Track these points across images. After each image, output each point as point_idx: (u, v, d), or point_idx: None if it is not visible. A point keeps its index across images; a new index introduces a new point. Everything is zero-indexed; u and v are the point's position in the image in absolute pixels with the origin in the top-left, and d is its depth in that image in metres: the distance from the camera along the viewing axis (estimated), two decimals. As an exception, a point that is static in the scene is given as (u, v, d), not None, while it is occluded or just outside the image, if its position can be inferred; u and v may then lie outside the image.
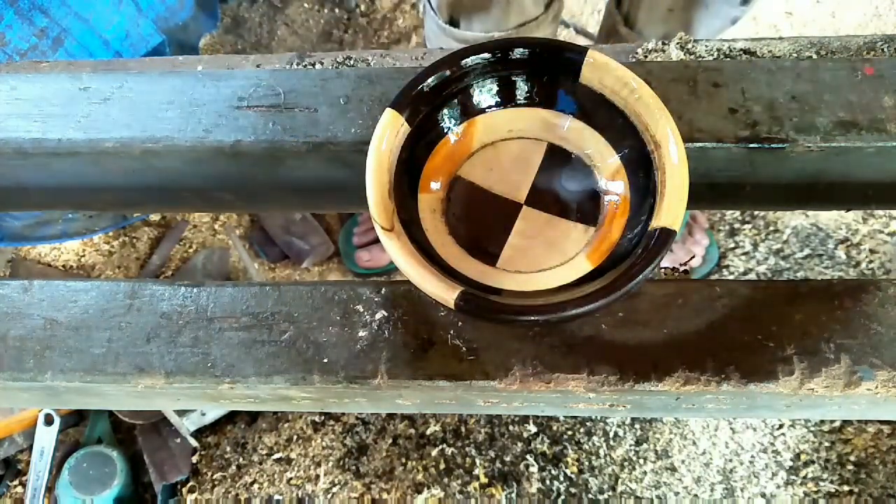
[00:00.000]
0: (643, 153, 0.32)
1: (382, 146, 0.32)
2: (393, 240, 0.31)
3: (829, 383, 0.30)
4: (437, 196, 0.35)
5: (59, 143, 0.39)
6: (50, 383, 0.34)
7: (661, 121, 0.31)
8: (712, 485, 1.07)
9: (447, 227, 0.35)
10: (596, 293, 0.28)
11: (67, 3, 0.97)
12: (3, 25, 0.93)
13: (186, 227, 1.29)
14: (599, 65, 0.33)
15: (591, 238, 0.33)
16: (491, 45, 0.34)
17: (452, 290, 0.29)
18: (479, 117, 0.36)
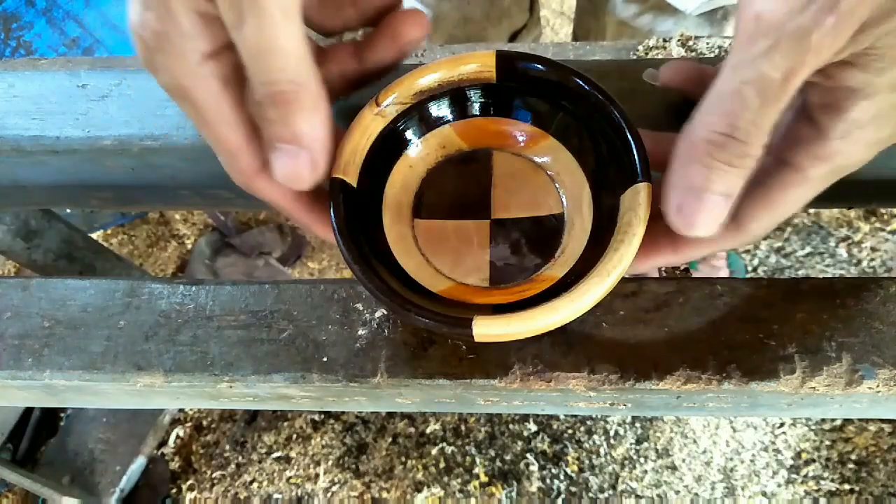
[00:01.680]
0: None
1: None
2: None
3: (831, 382, 0.30)
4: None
5: (58, 140, 0.39)
6: (48, 382, 0.34)
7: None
8: (713, 483, 1.07)
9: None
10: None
11: (104, 14, 0.96)
12: (32, 34, 0.93)
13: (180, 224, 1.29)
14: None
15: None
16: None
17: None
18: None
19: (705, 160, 0.25)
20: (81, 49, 0.97)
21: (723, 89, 0.25)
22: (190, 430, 1.16)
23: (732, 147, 0.24)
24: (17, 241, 0.66)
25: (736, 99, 0.24)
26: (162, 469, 1.13)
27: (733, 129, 0.24)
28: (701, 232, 0.25)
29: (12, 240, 0.65)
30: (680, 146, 0.26)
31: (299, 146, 0.26)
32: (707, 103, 0.25)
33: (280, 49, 0.25)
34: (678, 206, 0.25)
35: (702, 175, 0.25)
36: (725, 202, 0.25)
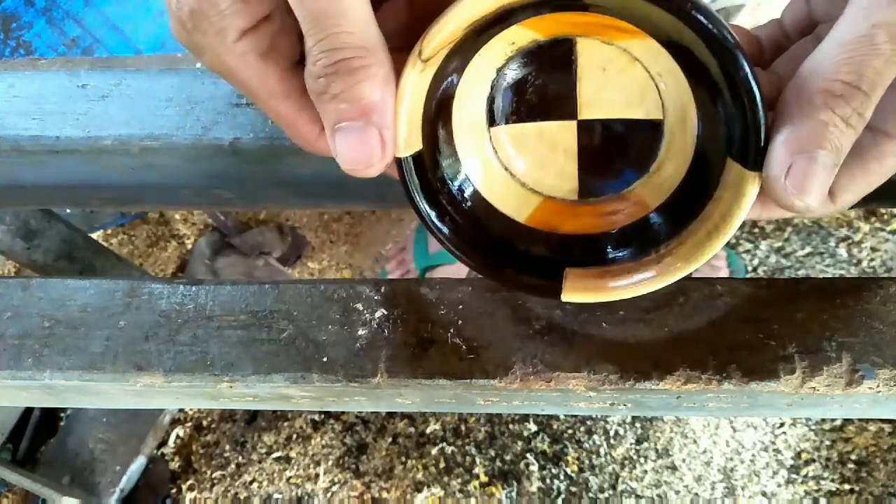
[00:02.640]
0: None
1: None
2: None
3: (831, 382, 0.30)
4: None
5: (58, 140, 0.39)
6: (48, 382, 0.34)
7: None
8: (713, 483, 1.07)
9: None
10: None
11: (104, 13, 0.96)
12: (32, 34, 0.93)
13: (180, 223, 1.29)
14: None
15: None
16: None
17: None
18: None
19: (823, 114, 0.22)
20: (81, 49, 0.97)
21: (848, 33, 0.22)
22: (190, 430, 1.16)
23: (855, 99, 0.22)
24: (17, 241, 0.66)
25: (864, 44, 0.21)
26: (162, 469, 1.13)
27: (859, 77, 0.21)
28: (812, 200, 0.23)
29: (12, 240, 0.65)
30: (788, 96, 0.23)
31: (367, 122, 0.24)
32: (825, 50, 0.23)
33: (346, 10, 0.22)
34: (788, 168, 0.22)
35: (818, 133, 0.22)
36: (835, 169, 0.23)
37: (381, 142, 0.24)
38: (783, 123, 0.23)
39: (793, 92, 0.23)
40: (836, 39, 0.23)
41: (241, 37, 0.24)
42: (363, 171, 0.25)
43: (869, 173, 0.25)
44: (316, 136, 0.27)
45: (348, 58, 0.23)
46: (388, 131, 0.24)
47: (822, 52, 0.23)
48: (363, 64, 0.23)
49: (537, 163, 0.30)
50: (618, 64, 0.27)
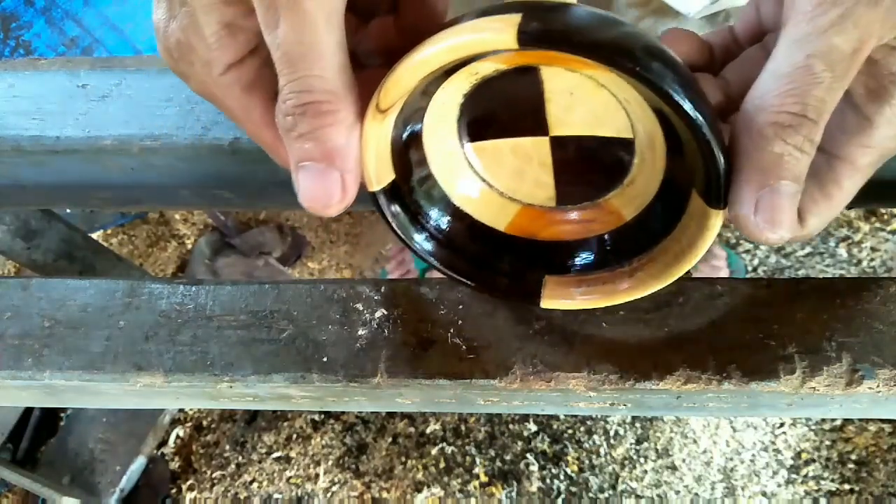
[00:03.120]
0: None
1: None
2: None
3: (831, 382, 0.30)
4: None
5: (58, 140, 0.39)
6: (48, 382, 0.34)
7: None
8: (713, 483, 1.07)
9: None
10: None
11: (104, 13, 0.96)
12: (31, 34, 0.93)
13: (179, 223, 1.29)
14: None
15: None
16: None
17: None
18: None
19: (777, 146, 0.22)
20: (80, 49, 0.97)
21: (786, 66, 0.23)
22: (190, 430, 1.16)
23: (804, 127, 0.22)
24: (17, 241, 0.66)
25: (804, 74, 0.22)
26: (162, 469, 1.13)
27: (804, 107, 0.22)
28: (784, 231, 0.23)
29: (12, 240, 0.65)
30: (741, 136, 0.23)
31: (330, 164, 0.24)
32: (767, 83, 0.23)
33: (319, 55, 0.23)
34: (755, 203, 0.23)
35: (775, 163, 0.22)
36: (798, 195, 0.23)
37: (341, 186, 0.25)
38: (740, 160, 0.23)
39: (743, 127, 0.24)
40: (776, 72, 0.23)
41: (226, 70, 0.25)
42: (321, 211, 0.25)
43: (830, 197, 0.26)
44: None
45: (317, 101, 0.23)
46: (349, 175, 0.25)
47: (763, 85, 0.23)
48: (330, 109, 0.23)
49: (514, 173, 0.30)
50: (584, 88, 0.27)
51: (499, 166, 0.30)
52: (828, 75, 0.22)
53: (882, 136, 0.24)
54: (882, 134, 0.24)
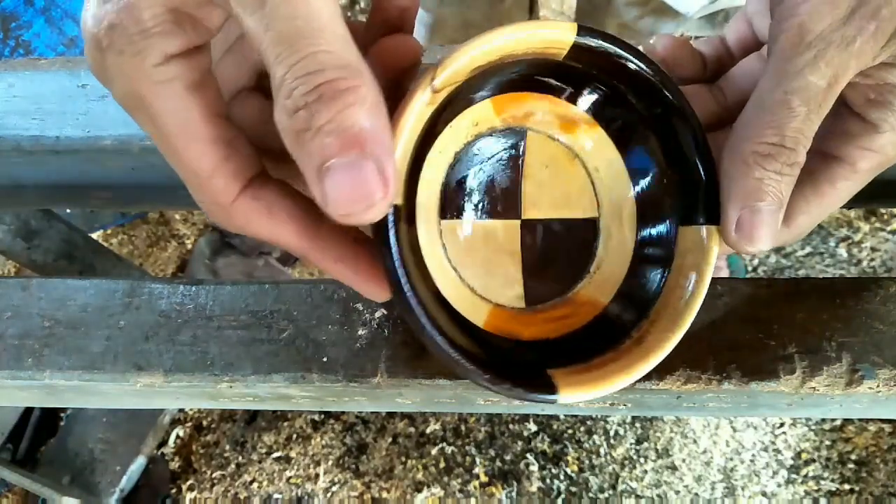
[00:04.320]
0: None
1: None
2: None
3: (831, 382, 0.30)
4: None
5: (58, 140, 0.39)
6: (49, 382, 0.34)
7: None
8: (713, 483, 1.07)
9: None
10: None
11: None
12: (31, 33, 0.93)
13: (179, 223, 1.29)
14: None
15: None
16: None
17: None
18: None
19: (756, 172, 0.25)
20: (80, 48, 0.97)
21: (766, 100, 0.25)
22: (190, 430, 1.16)
23: (782, 156, 0.25)
24: (17, 241, 0.66)
25: (782, 109, 0.25)
26: (162, 469, 1.13)
27: (782, 138, 0.25)
28: (763, 245, 0.25)
29: (12, 240, 0.65)
30: (726, 160, 0.26)
31: (361, 154, 0.19)
32: (750, 115, 0.26)
33: (321, 27, 0.19)
34: (736, 222, 0.25)
35: (755, 188, 0.25)
36: (779, 212, 0.25)
37: (380, 177, 0.19)
38: (726, 182, 0.26)
39: (729, 154, 0.26)
40: (759, 105, 0.26)
41: (165, 61, 0.21)
42: (362, 215, 0.20)
43: (822, 196, 0.27)
44: (233, 197, 0.22)
45: (331, 79, 0.19)
46: (387, 162, 0.19)
47: (747, 115, 0.26)
48: (349, 86, 0.19)
49: (483, 268, 0.28)
50: (560, 162, 0.29)
51: (469, 255, 0.28)
52: (803, 109, 0.24)
53: (886, 141, 0.26)
54: (886, 139, 0.26)
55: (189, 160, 0.22)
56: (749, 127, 0.26)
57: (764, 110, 0.25)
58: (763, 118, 0.25)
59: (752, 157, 0.25)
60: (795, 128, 0.25)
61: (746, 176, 0.25)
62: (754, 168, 0.25)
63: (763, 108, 0.25)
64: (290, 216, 0.23)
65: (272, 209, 0.23)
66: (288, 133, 0.20)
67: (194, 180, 0.22)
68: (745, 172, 0.25)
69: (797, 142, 0.25)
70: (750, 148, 0.25)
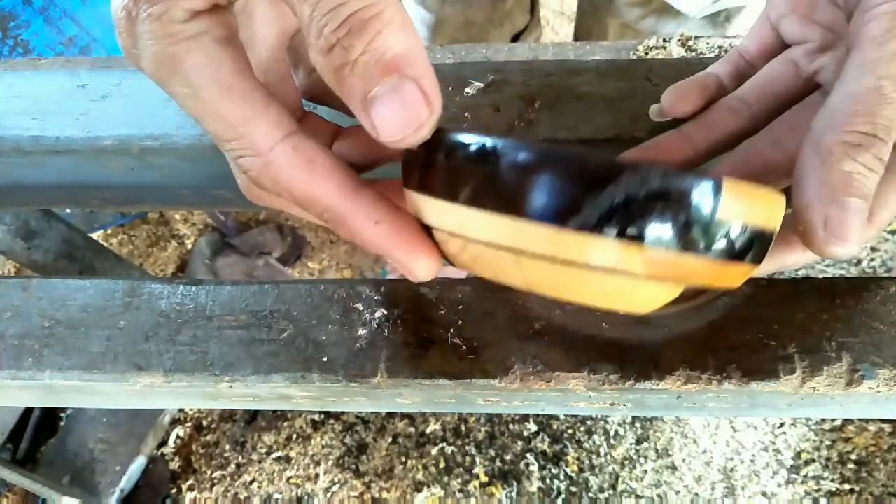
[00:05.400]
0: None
1: None
2: None
3: (831, 382, 0.30)
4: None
5: (58, 140, 0.39)
6: (48, 382, 0.34)
7: None
8: (713, 483, 1.07)
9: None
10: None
11: (102, 12, 0.96)
12: (30, 33, 0.93)
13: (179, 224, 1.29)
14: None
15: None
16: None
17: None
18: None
19: (847, 164, 0.23)
20: (79, 48, 0.97)
21: (856, 87, 0.24)
22: (190, 430, 1.16)
23: (874, 147, 0.23)
24: (17, 241, 0.66)
25: (874, 95, 0.23)
26: (162, 469, 1.13)
27: (874, 126, 0.23)
28: (853, 247, 0.23)
29: (12, 240, 0.65)
30: (809, 151, 0.24)
31: (401, 77, 0.19)
32: (836, 104, 0.24)
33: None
34: (824, 219, 0.23)
35: (845, 182, 0.23)
36: (866, 211, 0.23)
37: (422, 96, 0.20)
38: (808, 178, 0.24)
39: (811, 147, 0.24)
40: (847, 93, 0.24)
41: (191, 17, 0.21)
42: (414, 136, 0.20)
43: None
44: (274, 143, 0.22)
45: (356, 10, 0.19)
46: (426, 80, 0.20)
47: (833, 105, 0.24)
48: (374, 13, 0.19)
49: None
50: None
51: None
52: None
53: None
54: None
55: (226, 109, 0.21)
56: (835, 116, 0.24)
57: (852, 98, 0.23)
58: (852, 106, 0.23)
59: (841, 148, 0.23)
60: (888, 116, 0.23)
61: (832, 168, 0.23)
62: (843, 160, 0.23)
63: (852, 95, 0.23)
64: (331, 171, 0.22)
65: (314, 161, 0.22)
66: (327, 72, 0.20)
67: (230, 132, 0.22)
68: (832, 164, 0.23)
69: (889, 132, 0.23)
70: (837, 138, 0.23)
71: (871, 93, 0.23)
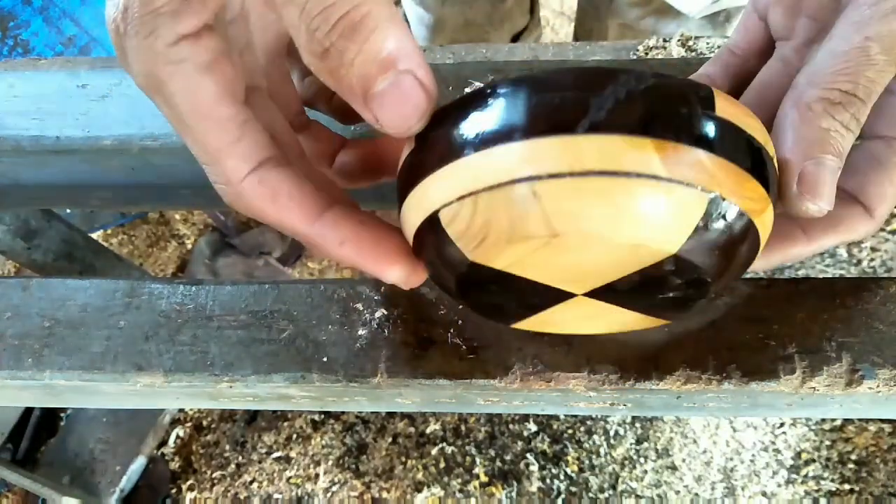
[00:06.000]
0: None
1: None
2: None
3: (831, 382, 0.30)
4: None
5: (58, 140, 0.39)
6: (49, 382, 0.34)
7: None
8: (713, 483, 1.07)
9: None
10: None
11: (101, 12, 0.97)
12: (29, 32, 0.93)
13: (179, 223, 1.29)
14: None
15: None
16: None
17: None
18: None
19: (825, 121, 0.23)
20: (78, 47, 0.97)
21: (842, 45, 0.24)
22: (190, 430, 1.16)
23: (853, 106, 0.23)
24: (17, 241, 0.66)
25: (859, 55, 0.23)
26: (162, 469, 1.13)
27: (855, 86, 0.23)
28: (826, 204, 0.23)
29: (12, 240, 0.65)
30: (789, 105, 0.24)
31: (396, 72, 0.20)
32: (821, 61, 0.24)
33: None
34: (799, 175, 0.23)
35: (821, 139, 0.23)
36: (839, 170, 0.24)
37: (419, 86, 0.21)
38: (786, 132, 0.24)
39: (791, 101, 0.24)
40: (832, 50, 0.24)
41: (178, 42, 0.21)
42: (417, 124, 0.21)
43: (895, 183, 0.26)
44: (241, 177, 0.23)
45: (345, 13, 0.20)
46: (420, 70, 0.21)
47: (817, 63, 0.24)
48: (364, 12, 0.20)
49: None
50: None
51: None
52: (882, 58, 0.23)
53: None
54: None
55: (201, 138, 0.22)
56: (818, 73, 0.24)
57: (838, 56, 0.23)
58: (836, 64, 0.23)
59: (822, 105, 0.23)
60: (870, 77, 0.23)
61: (811, 125, 0.23)
62: (822, 117, 0.23)
63: (837, 53, 0.23)
64: (294, 201, 0.23)
65: (277, 193, 0.23)
66: (323, 73, 0.21)
67: (206, 158, 0.23)
68: (811, 120, 0.23)
69: (869, 93, 0.23)
70: (820, 94, 0.23)
71: (856, 52, 0.23)
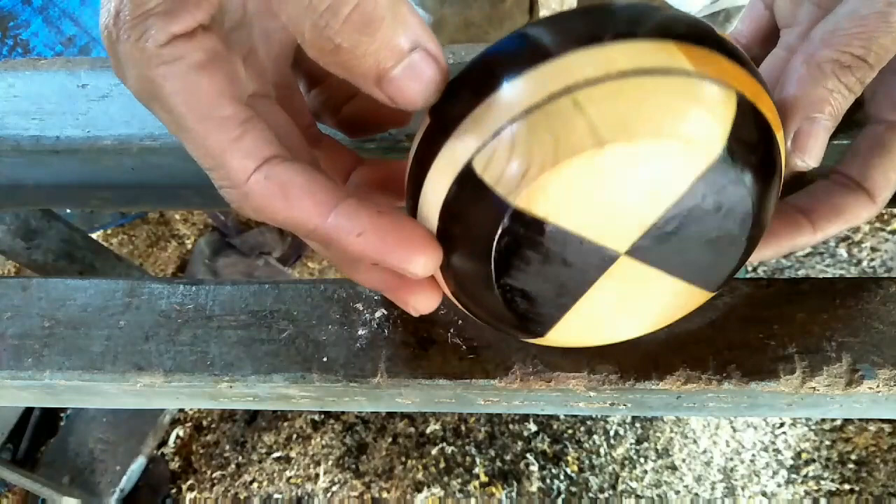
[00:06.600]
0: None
1: None
2: None
3: (831, 382, 0.30)
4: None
5: (58, 140, 0.39)
6: (48, 382, 0.34)
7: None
8: (713, 483, 1.07)
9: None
10: None
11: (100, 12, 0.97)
12: (29, 32, 0.93)
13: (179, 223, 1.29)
14: None
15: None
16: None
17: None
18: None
19: (831, 82, 0.24)
20: (77, 47, 0.97)
21: (863, 10, 0.24)
22: (190, 430, 1.16)
23: (860, 70, 0.24)
24: (17, 241, 0.66)
25: (878, 20, 0.23)
26: (162, 469, 1.13)
27: (867, 52, 0.23)
28: (814, 160, 0.24)
29: (12, 240, 0.65)
30: (800, 59, 0.25)
31: (408, 53, 0.20)
32: (839, 21, 0.24)
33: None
34: (795, 133, 0.24)
35: (822, 99, 0.24)
36: (831, 130, 0.24)
37: (430, 60, 0.21)
38: (792, 85, 0.25)
39: (803, 56, 0.25)
40: (852, 12, 0.24)
41: (170, 41, 0.21)
42: (431, 97, 0.21)
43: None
44: (246, 176, 0.22)
45: (353, 7, 0.19)
46: (430, 45, 0.21)
47: (835, 22, 0.25)
48: (365, 7, 0.20)
49: None
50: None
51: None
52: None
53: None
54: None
55: (201, 140, 0.21)
56: (834, 33, 0.24)
57: (856, 18, 0.24)
58: (852, 27, 0.24)
59: (831, 66, 0.24)
60: (884, 44, 0.23)
61: (819, 83, 0.24)
62: (830, 77, 0.24)
63: (855, 16, 0.24)
64: (306, 193, 0.22)
65: (287, 187, 0.22)
66: (334, 67, 0.21)
67: (208, 161, 0.22)
68: (818, 79, 0.24)
69: (879, 59, 0.23)
70: (832, 55, 0.24)
71: (875, 17, 0.24)
